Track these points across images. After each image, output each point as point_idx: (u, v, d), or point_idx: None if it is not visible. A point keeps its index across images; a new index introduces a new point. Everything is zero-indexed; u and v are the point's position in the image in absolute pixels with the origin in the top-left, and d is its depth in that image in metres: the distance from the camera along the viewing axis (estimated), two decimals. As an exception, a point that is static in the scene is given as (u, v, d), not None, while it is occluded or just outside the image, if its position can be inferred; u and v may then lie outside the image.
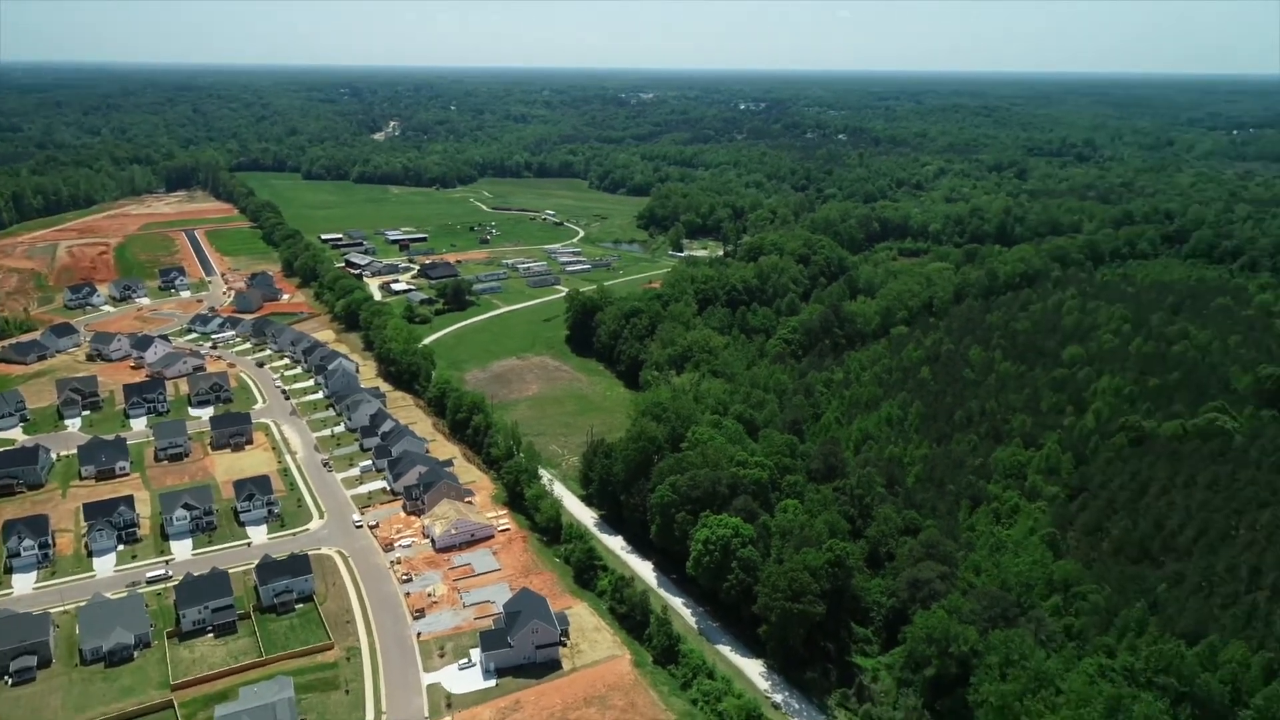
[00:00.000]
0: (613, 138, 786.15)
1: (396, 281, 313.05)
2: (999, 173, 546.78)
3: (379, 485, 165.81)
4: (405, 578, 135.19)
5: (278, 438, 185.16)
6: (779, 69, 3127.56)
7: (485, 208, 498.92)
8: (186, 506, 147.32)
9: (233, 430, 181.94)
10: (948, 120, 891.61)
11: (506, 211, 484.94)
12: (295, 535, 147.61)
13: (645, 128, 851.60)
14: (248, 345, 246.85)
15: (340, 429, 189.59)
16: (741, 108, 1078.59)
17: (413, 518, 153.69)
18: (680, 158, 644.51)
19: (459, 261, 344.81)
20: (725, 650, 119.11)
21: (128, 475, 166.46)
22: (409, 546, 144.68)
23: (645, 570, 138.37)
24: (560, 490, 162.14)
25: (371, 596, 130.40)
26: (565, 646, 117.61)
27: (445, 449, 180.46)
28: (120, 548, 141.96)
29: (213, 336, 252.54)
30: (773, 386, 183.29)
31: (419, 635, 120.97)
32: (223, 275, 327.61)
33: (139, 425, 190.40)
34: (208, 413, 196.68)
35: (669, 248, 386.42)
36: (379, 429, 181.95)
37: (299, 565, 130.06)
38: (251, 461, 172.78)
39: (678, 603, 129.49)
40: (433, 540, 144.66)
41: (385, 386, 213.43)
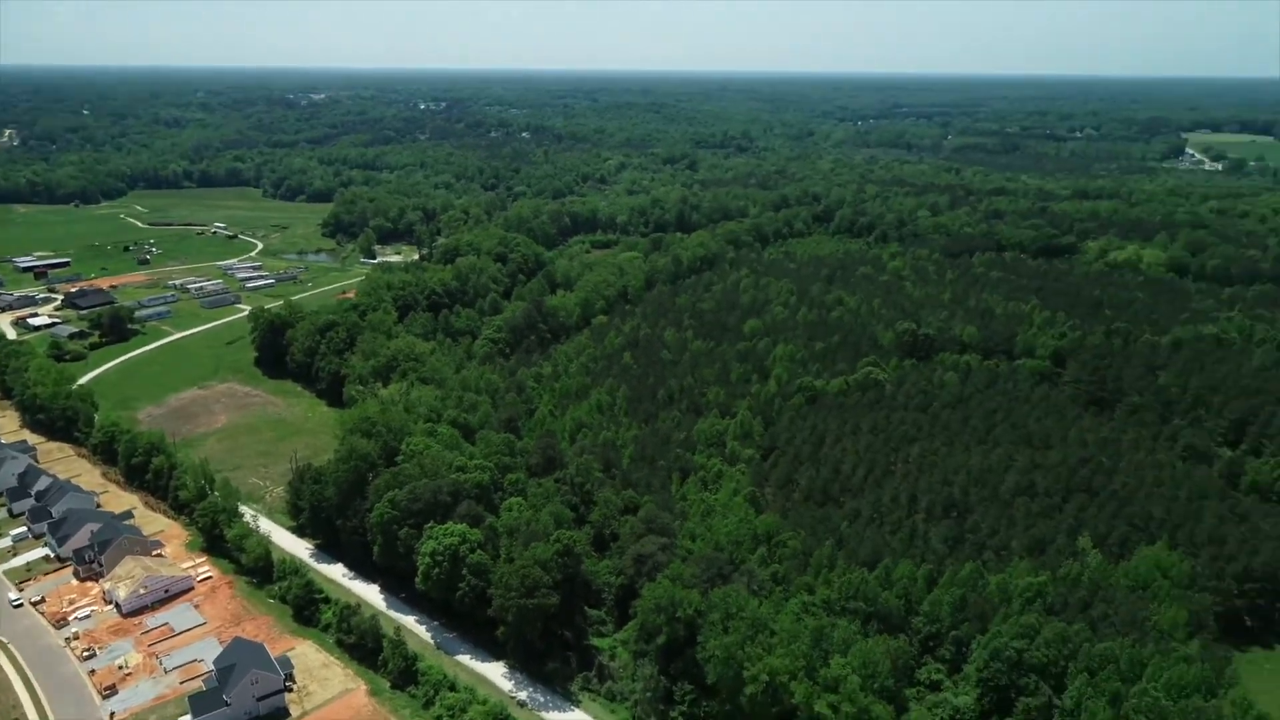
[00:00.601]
0: (285, 141, 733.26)
1: (35, 315, 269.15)
2: (673, 165, 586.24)
3: (39, 554, 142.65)
4: (87, 653, 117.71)
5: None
6: (455, 67, 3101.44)
7: (140, 224, 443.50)
8: None
9: None
10: (623, 117, 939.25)
11: (168, 227, 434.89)
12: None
13: (320, 130, 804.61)
14: None
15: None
16: (422, 107, 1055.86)
17: (89, 584, 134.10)
18: (362, 160, 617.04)
19: (114, 287, 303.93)
20: (466, 659, 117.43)
21: None
22: (88, 617, 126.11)
23: (372, 594, 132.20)
24: (267, 525, 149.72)
25: (46, 684, 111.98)
26: (292, 691, 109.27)
27: (121, 500, 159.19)
28: None
29: None
30: (484, 387, 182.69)
31: (112, 716, 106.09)
32: None
33: None
34: None
35: (360, 255, 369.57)
36: (31, 489, 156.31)
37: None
38: None
39: (410, 621, 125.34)
40: (118, 605, 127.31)
41: (35, 438, 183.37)
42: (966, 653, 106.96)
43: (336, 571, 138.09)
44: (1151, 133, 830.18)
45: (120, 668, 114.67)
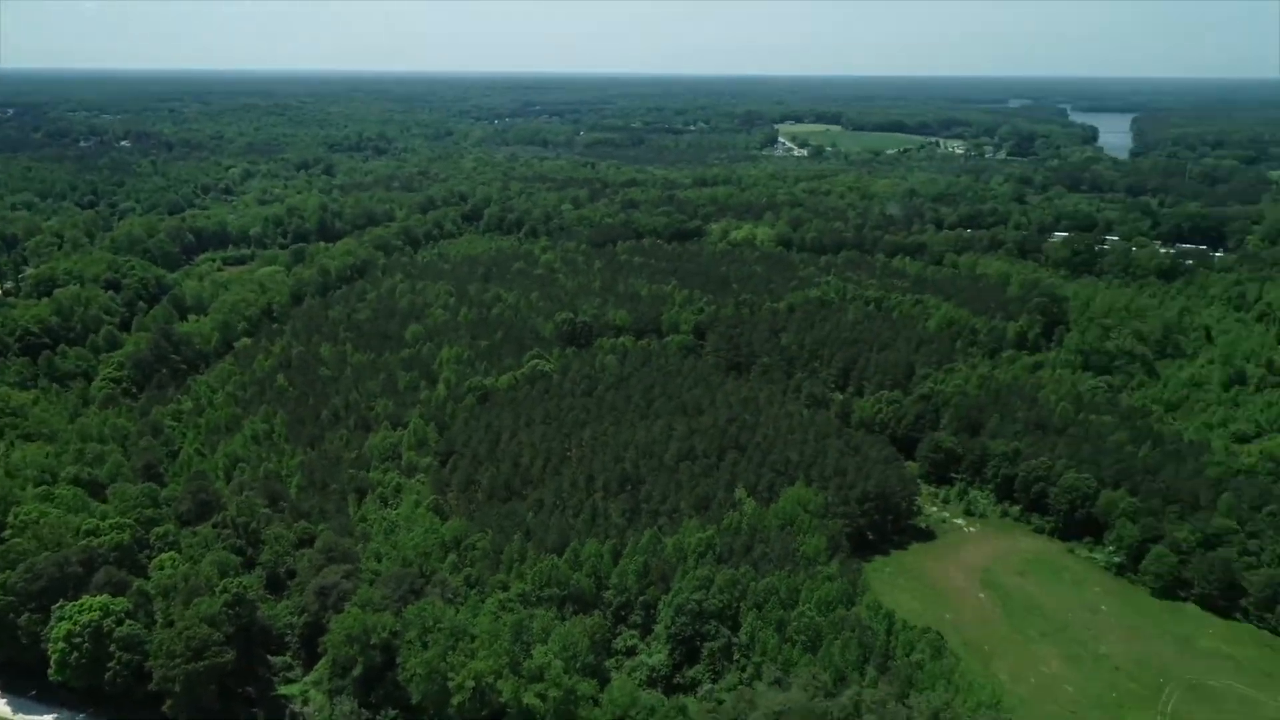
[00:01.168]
0: None
1: None
2: (307, 171, 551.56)
3: None
4: None
5: None
6: (26, 67, 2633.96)
7: None
8: None
9: None
10: (243, 121, 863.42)
11: None
12: None
13: None
14: None
15: None
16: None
17: None
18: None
19: None
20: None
21: None
22: None
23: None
24: None
25: None
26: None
27: None
28: None
29: None
30: (111, 435, 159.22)
31: None
32: None
33: None
34: None
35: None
36: None
37: None
38: None
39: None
40: None
41: None
42: (655, 615, 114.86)
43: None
44: (750, 125, 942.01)
45: None
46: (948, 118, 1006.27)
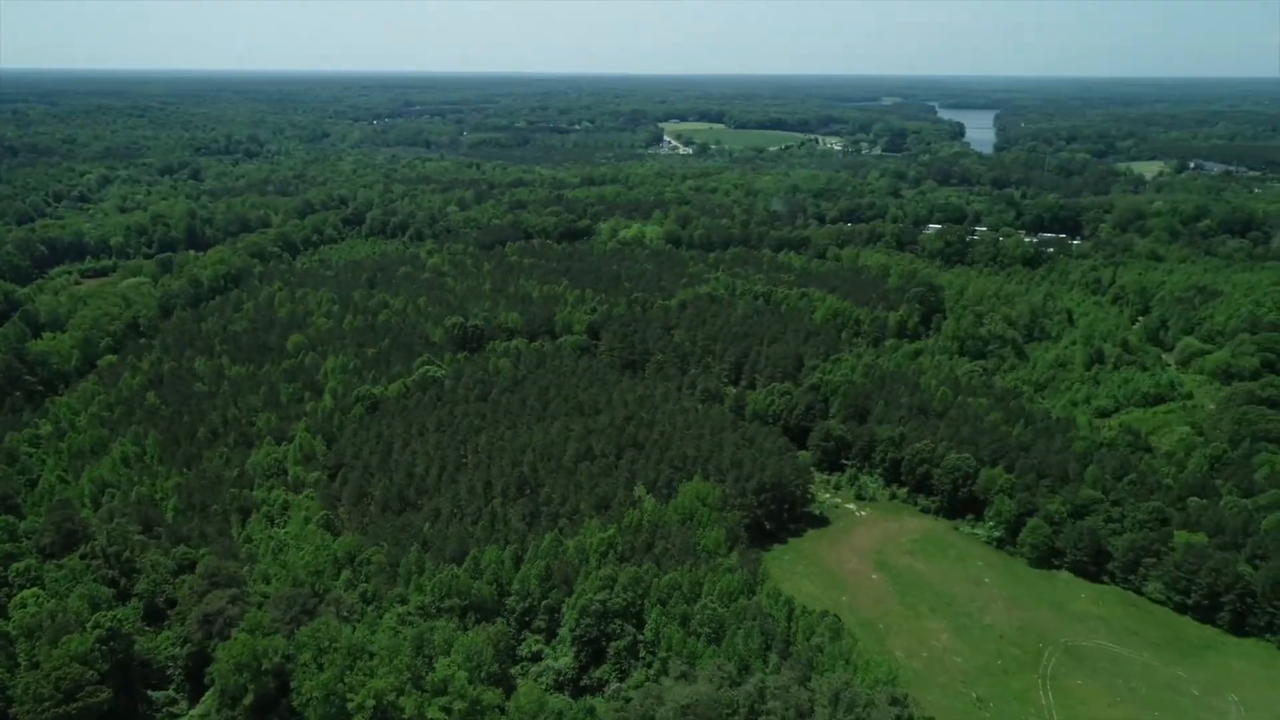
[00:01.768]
0: None
1: None
2: (172, 176, 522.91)
3: None
4: None
5: None
6: None
7: None
8: None
9: None
10: (97, 123, 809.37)
11: None
12: None
13: None
14: None
15: None
16: None
17: None
18: None
19: None
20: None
21: None
22: None
23: None
24: None
25: None
26: None
27: None
28: None
29: None
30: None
31: None
32: None
33: None
34: None
35: None
36: None
37: None
38: None
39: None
40: None
41: None
42: (559, 618, 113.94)
43: None
44: (635, 124, 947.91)
45: None
46: (826, 115, 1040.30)
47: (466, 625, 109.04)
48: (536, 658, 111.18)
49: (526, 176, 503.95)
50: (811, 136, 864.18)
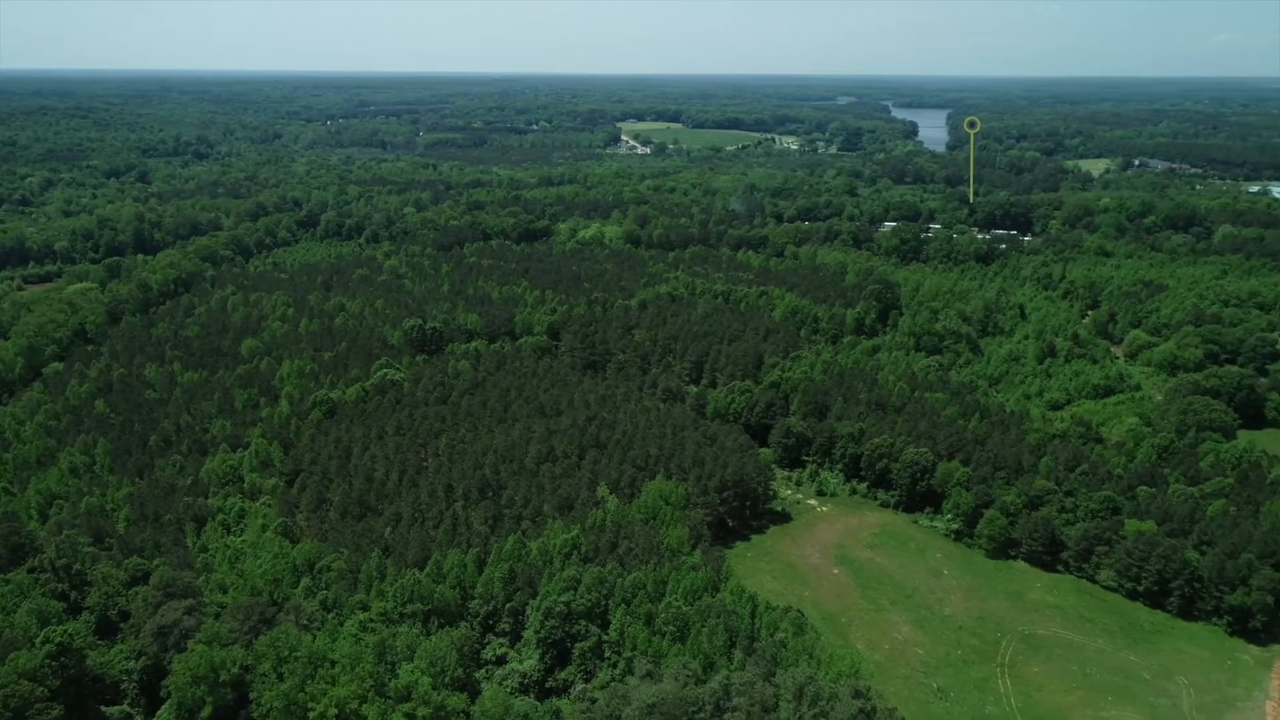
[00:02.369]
0: None
1: None
2: (118, 178, 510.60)
3: None
4: None
5: None
6: None
7: None
8: None
9: None
10: (39, 125, 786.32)
11: None
12: None
13: None
14: None
15: None
16: None
17: None
18: None
19: None
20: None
21: None
22: None
23: None
24: None
25: None
26: None
27: None
28: None
29: None
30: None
31: None
32: None
33: None
34: None
35: None
36: None
37: None
38: None
39: None
40: None
41: None
42: (524, 620, 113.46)
43: None
44: (593, 124, 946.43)
45: None
46: (782, 115, 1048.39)
47: (429, 630, 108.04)
48: (501, 661, 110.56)
49: (484, 177, 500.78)
50: (768, 136, 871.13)
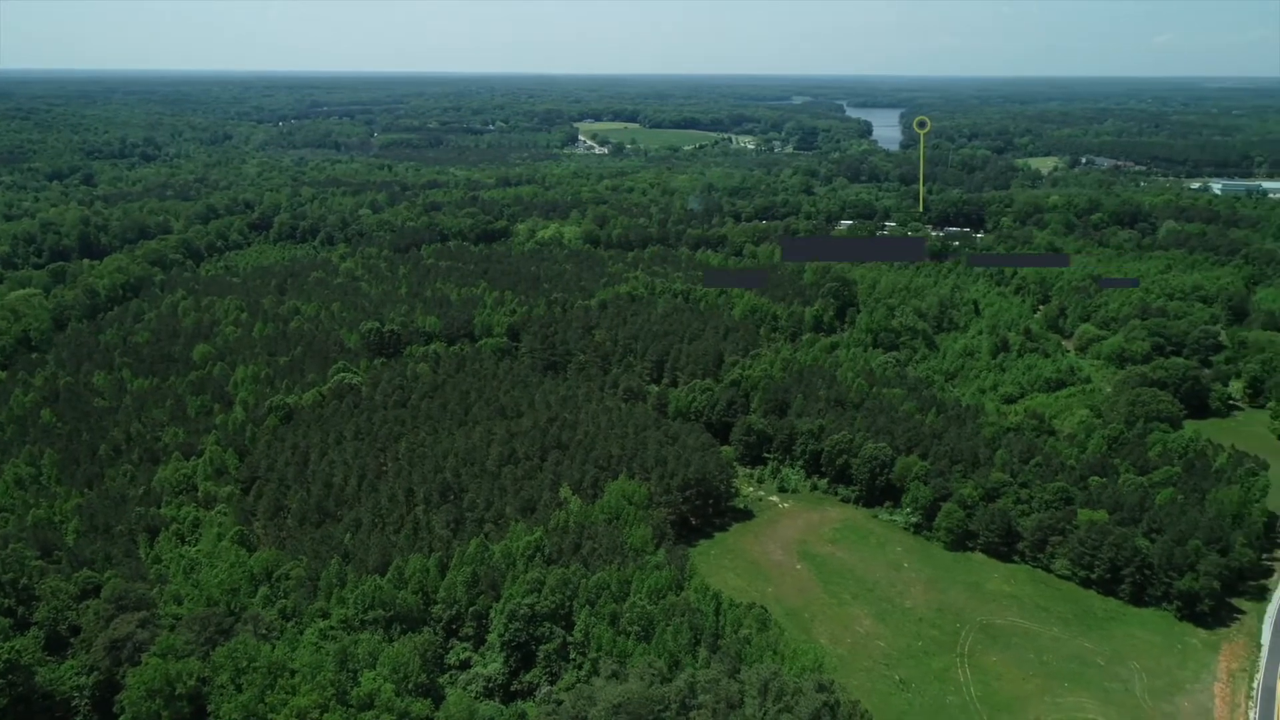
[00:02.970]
0: None
1: None
2: (61, 181, 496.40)
3: None
4: None
5: None
6: None
7: None
8: None
9: None
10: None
11: None
12: None
13: None
14: None
15: None
16: None
17: None
18: None
19: None
20: None
21: None
22: None
23: None
24: None
25: None
26: None
27: None
28: None
29: None
30: None
31: None
32: None
33: None
34: None
35: None
36: None
37: None
38: None
39: None
40: None
41: None
42: (487, 624, 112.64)
43: None
44: (550, 124, 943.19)
45: None
46: (738, 114, 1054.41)
47: (392, 636, 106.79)
48: (465, 665, 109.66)
49: (440, 178, 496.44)
50: (725, 135, 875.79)
